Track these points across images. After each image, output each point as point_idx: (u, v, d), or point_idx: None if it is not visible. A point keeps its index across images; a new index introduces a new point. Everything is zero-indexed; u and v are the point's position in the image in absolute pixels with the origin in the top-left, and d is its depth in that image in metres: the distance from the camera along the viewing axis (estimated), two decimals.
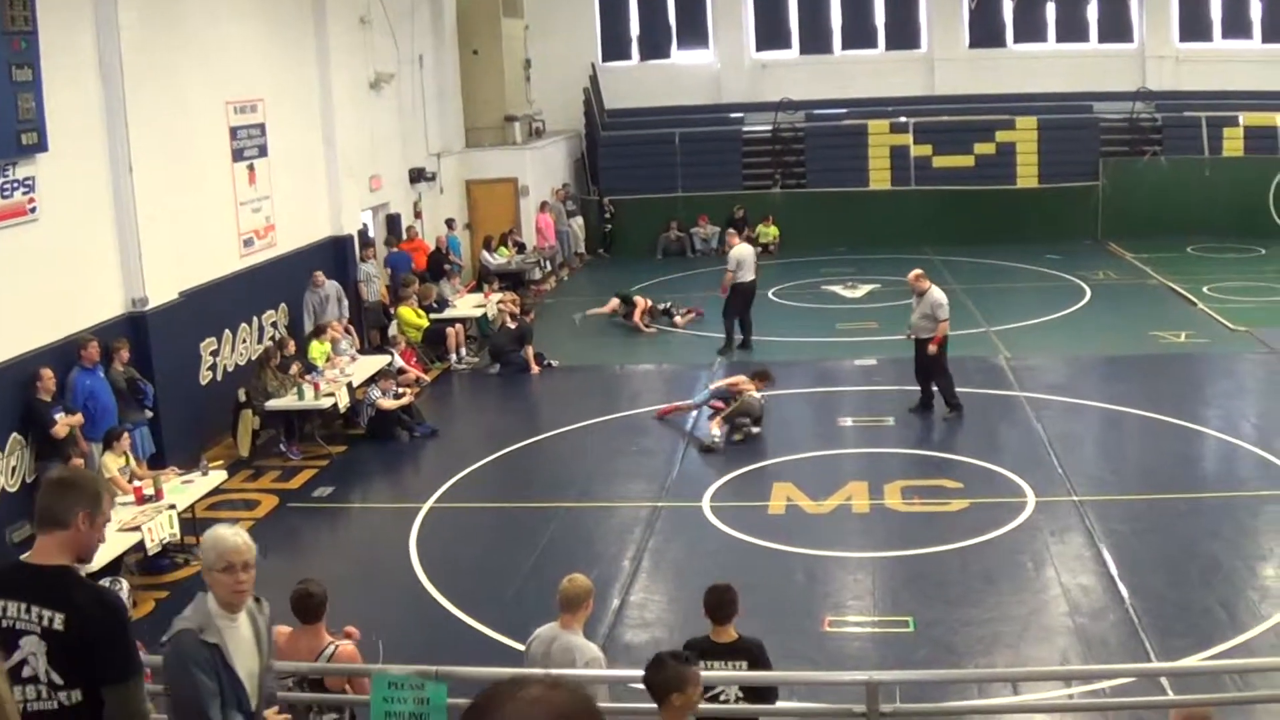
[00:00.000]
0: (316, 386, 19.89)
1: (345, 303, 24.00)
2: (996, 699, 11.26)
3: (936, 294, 20.48)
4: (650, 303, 28.19)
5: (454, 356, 25.22)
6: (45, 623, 5.66)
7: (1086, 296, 29.12)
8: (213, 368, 20.63)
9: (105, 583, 10.67)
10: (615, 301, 28.11)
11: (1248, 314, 26.01)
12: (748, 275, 24.87)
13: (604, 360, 25.75)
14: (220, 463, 17.91)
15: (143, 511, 14.65)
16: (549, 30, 38.93)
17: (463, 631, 13.32)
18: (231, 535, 6.58)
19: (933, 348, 20.24)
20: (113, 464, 15.55)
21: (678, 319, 28.05)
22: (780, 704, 9.58)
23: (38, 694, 5.68)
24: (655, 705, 7.38)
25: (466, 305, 27.26)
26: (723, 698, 9.26)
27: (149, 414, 17.78)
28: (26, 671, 5.66)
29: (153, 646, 11.00)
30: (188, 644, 6.41)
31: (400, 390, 21.25)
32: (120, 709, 5.77)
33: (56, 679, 5.69)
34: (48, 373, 15.86)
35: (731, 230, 30.16)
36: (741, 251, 25.42)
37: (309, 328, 22.56)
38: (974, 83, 39.01)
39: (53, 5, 16.61)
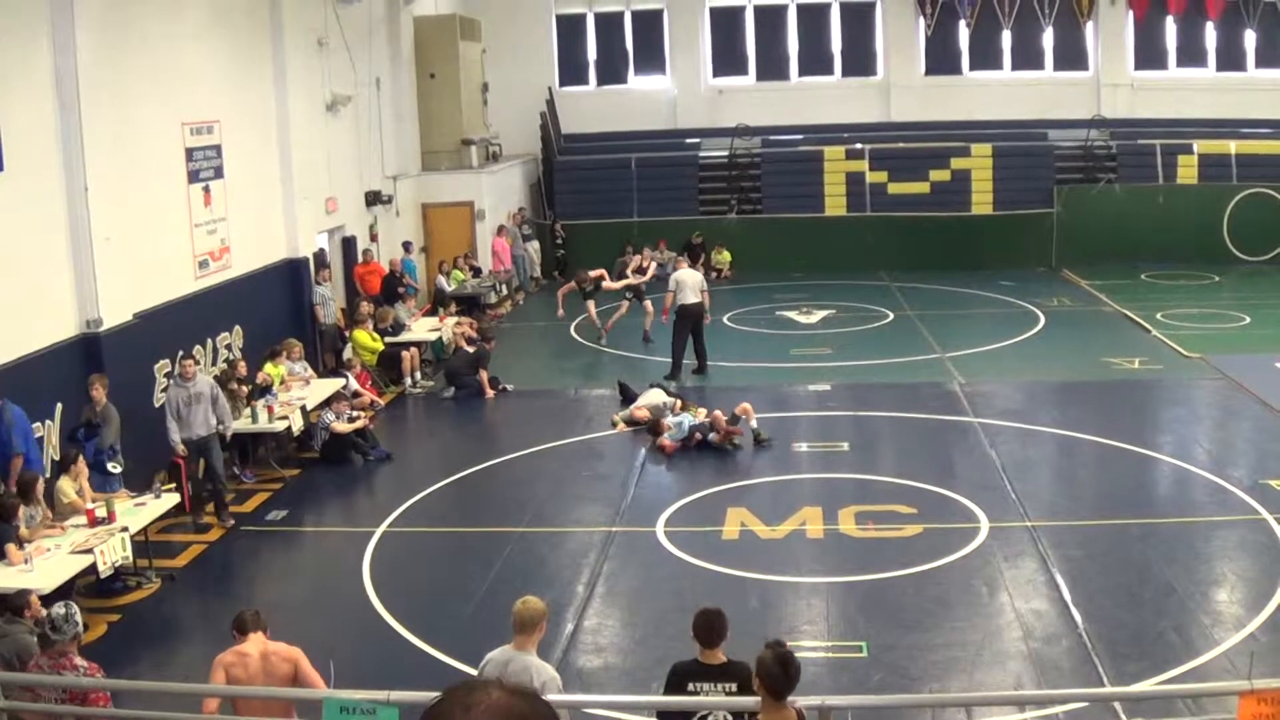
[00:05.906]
0: (270, 409, 19.80)
1: (219, 409, 18.49)
2: None
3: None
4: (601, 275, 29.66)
5: (409, 380, 25.13)
6: None
7: (1041, 323, 29.29)
8: (167, 390, 20.44)
9: (59, 606, 10.56)
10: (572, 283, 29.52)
11: (1201, 341, 26.20)
12: (689, 298, 24.99)
13: (559, 385, 25.71)
14: (173, 485, 17.78)
15: (95, 534, 14.53)
16: (507, 55, 38.93)
17: (416, 656, 13.25)
18: None
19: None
20: (69, 487, 15.40)
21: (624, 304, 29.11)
22: None
23: None
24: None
25: (421, 329, 27.20)
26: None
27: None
28: None
29: (111, 671, 10.94)
30: None
31: (355, 414, 21.17)
32: None
33: None
34: None
35: (680, 256, 30.47)
36: (683, 274, 25.67)
37: (172, 432, 18.14)
38: (930, 110, 39.30)
39: (9, 25, 16.52)
